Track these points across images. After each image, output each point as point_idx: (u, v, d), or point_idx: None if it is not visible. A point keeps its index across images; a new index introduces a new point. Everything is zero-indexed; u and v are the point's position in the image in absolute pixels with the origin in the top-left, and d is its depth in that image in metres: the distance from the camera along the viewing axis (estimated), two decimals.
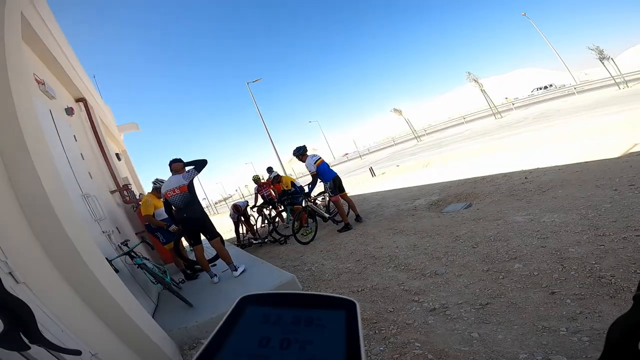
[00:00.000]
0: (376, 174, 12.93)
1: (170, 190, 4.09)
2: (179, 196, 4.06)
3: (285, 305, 0.32)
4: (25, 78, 2.28)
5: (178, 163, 4.19)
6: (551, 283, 2.33)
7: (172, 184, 4.10)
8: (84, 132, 4.89)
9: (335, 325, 0.30)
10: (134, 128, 8.63)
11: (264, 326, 0.30)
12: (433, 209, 5.52)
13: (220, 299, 3.60)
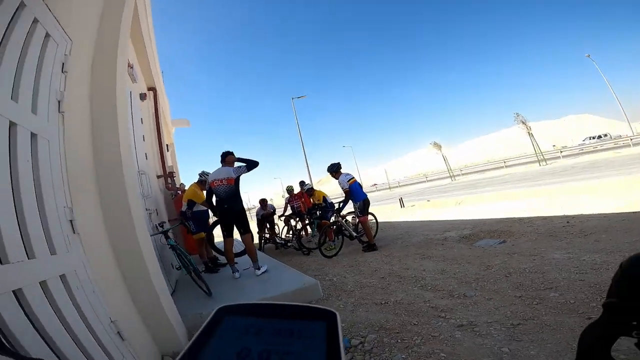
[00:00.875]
0: (405, 206, 12.79)
1: (217, 180, 4.23)
2: (224, 187, 4.21)
3: (265, 316, 0.32)
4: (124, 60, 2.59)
5: (231, 156, 4.37)
6: (588, 310, 2.24)
7: (220, 175, 4.25)
8: (148, 117, 5.32)
9: (316, 336, 0.29)
10: (185, 124, 9.11)
11: (243, 337, 0.29)
12: (464, 242, 5.39)
13: (239, 293, 3.66)
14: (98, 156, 2.11)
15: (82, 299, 1.58)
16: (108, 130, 2.14)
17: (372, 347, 2.29)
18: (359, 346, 2.34)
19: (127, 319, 2.13)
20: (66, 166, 1.68)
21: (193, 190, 4.99)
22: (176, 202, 5.61)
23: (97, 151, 2.10)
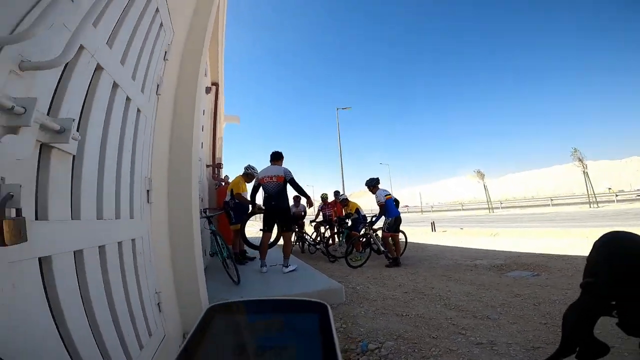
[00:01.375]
0: (436, 230, 12.56)
1: (267, 177, 4.48)
2: (274, 184, 4.45)
3: (257, 313, 0.32)
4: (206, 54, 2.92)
5: (280, 156, 4.71)
6: (617, 343, 2.18)
7: (270, 172, 4.51)
8: (208, 110, 5.71)
9: (309, 329, 0.30)
10: (235, 120, 9.50)
11: (237, 333, 0.30)
12: (494, 270, 5.28)
13: (265, 286, 3.80)
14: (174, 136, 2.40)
15: (141, 265, 1.73)
16: (187, 116, 2.43)
17: (389, 353, 2.34)
18: (376, 351, 2.39)
19: (166, 293, 2.23)
20: (153, 141, 1.93)
21: (238, 182, 5.31)
22: (219, 192, 5.99)
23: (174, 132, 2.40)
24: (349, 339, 2.64)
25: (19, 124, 0.68)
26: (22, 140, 0.70)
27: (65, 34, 0.89)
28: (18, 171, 0.72)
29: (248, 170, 5.50)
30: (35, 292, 0.89)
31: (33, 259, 0.86)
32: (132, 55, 1.50)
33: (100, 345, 1.18)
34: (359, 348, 2.45)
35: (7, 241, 0.64)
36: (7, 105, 0.63)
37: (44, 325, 0.91)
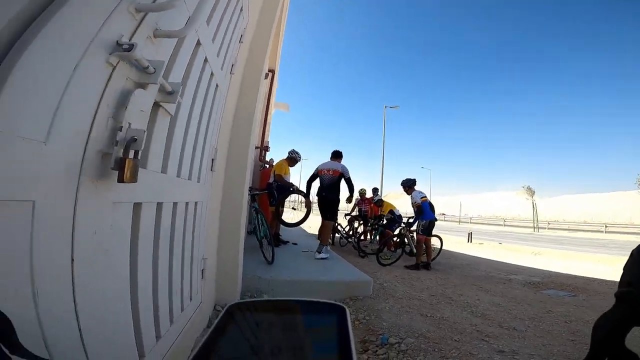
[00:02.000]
0: (473, 241, 12.16)
1: (325, 169, 5.08)
2: (329, 176, 5.01)
3: (275, 312, 0.32)
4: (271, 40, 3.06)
5: (340, 154, 5.31)
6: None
7: (328, 166, 5.10)
8: (264, 95, 5.91)
9: (326, 331, 0.30)
10: (285, 108, 9.69)
11: (255, 333, 0.29)
12: (529, 287, 5.10)
13: (296, 269, 3.88)
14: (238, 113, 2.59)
15: (197, 227, 1.86)
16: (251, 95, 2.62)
17: (408, 349, 2.36)
18: (396, 345, 2.41)
19: (210, 261, 2.33)
20: (223, 116, 2.11)
21: (281, 165, 5.47)
22: (263, 174, 6.22)
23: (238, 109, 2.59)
24: (371, 330, 2.69)
25: (148, 82, 0.83)
26: (147, 95, 0.86)
27: (183, 8, 1.04)
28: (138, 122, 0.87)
29: (292, 154, 5.64)
30: (125, 237, 1.03)
31: (130, 203, 1.01)
32: (219, 34, 1.66)
33: (154, 295, 1.32)
34: (378, 340, 2.49)
35: (126, 179, 0.78)
36: (144, 64, 0.78)
37: (124, 273, 1.05)
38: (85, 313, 0.82)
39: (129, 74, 0.83)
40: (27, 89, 0.56)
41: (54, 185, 0.67)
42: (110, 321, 0.98)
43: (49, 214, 0.67)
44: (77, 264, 0.78)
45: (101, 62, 0.72)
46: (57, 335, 0.71)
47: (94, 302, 0.88)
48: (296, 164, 5.65)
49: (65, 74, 0.63)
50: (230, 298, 2.72)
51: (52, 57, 0.60)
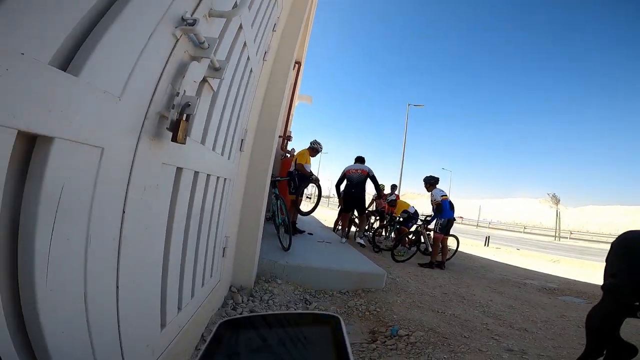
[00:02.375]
0: (489, 246, 11.98)
1: (353, 169, 5.86)
2: (357, 175, 5.80)
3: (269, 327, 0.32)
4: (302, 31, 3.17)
5: (364, 159, 6.10)
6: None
7: (356, 167, 5.91)
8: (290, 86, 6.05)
9: (322, 342, 0.29)
10: (307, 100, 9.76)
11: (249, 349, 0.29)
12: (544, 292, 5.03)
13: (311, 256, 3.92)
14: (266, 100, 2.70)
15: (224, 204, 1.94)
16: (280, 83, 2.72)
17: (417, 342, 2.39)
18: (405, 337, 2.44)
19: (230, 240, 2.41)
20: (253, 99, 2.21)
21: (303, 154, 5.57)
22: (283, 163, 6.31)
23: (266, 95, 2.70)
24: (381, 322, 2.73)
25: (202, 56, 0.93)
26: (200, 68, 0.96)
27: None
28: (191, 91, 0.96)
29: (314, 145, 5.74)
30: (166, 199, 1.12)
31: (174, 166, 1.11)
32: (257, 20, 1.76)
33: (182, 265, 1.39)
34: (388, 331, 2.53)
35: (179, 139, 0.88)
36: (201, 39, 0.89)
37: (162, 237, 1.13)
38: (125, 271, 0.90)
39: (187, 48, 0.93)
40: (115, 48, 0.66)
41: (119, 138, 0.77)
42: (145, 283, 1.05)
43: (111, 163, 0.76)
44: (126, 219, 0.87)
45: (169, 34, 0.83)
46: (95, 287, 0.78)
47: (134, 262, 0.95)
48: (317, 155, 5.75)
49: (142, 41, 0.74)
50: (246, 280, 2.79)
51: (136, 24, 0.70)
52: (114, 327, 0.89)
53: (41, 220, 0.60)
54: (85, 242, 0.73)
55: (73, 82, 0.60)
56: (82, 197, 0.69)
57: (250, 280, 2.82)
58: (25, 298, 0.61)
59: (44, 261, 0.62)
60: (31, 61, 0.51)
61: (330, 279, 3.39)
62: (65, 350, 0.68)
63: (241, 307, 2.43)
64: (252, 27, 1.67)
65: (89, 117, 0.65)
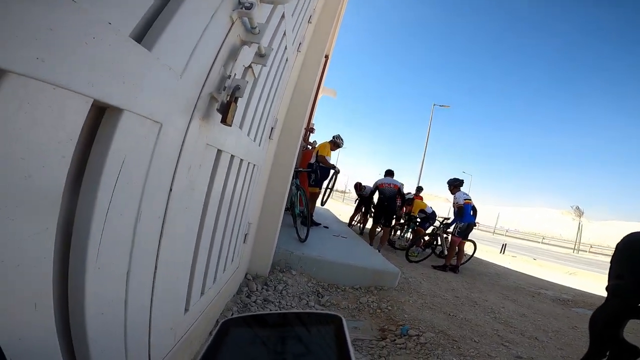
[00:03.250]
0: (505, 253, 11.76)
1: (386, 183, 6.22)
2: (390, 189, 6.16)
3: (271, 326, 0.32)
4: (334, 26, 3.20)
5: (393, 172, 6.48)
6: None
7: (389, 181, 6.27)
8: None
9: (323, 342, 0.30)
10: (332, 94, 9.73)
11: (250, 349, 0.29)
12: (558, 303, 4.94)
13: (326, 250, 3.91)
14: (297, 89, 2.72)
15: (250, 190, 1.97)
16: (310, 74, 2.75)
17: (427, 342, 2.39)
18: (415, 337, 2.45)
19: (251, 229, 2.45)
20: (284, 89, 2.23)
21: (325, 146, 5.60)
22: (305, 154, 6.32)
23: (297, 86, 2.72)
24: (391, 320, 2.73)
25: (252, 41, 0.96)
26: (249, 53, 0.98)
27: None
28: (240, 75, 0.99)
29: (336, 139, 5.76)
30: (206, 180, 1.14)
31: (215, 148, 1.14)
32: (297, 10, 1.78)
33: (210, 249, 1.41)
34: (398, 330, 2.53)
35: (228, 121, 0.91)
36: (254, 24, 0.91)
37: (197, 219, 1.15)
38: (164, 252, 0.92)
39: (240, 32, 0.95)
40: (184, 26, 0.68)
41: (176, 115, 0.79)
42: (178, 265, 1.07)
43: (167, 140, 0.78)
44: (172, 197, 0.88)
45: (226, 16, 0.85)
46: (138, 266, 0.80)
47: (172, 243, 0.97)
48: (337, 149, 5.74)
49: (205, 21, 0.76)
50: (262, 268, 2.81)
51: (202, 3, 0.72)
52: (147, 309, 0.91)
53: (101, 193, 0.61)
54: (135, 218, 0.74)
55: (146, 56, 0.61)
56: (139, 171, 0.72)
57: (265, 269, 2.84)
58: (75, 273, 0.62)
59: (97, 235, 0.63)
60: (116, 32, 0.53)
61: (344, 274, 3.40)
62: (101, 329, 0.69)
63: (255, 295, 2.46)
64: (292, 17, 1.69)
65: (154, 92, 0.67)
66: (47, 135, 0.47)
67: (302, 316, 0.33)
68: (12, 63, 0.40)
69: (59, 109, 0.48)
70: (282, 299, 2.61)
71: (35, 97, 0.44)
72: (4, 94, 0.40)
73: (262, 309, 2.32)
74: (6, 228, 0.44)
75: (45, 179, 0.49)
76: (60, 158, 0.51)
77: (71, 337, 0.65)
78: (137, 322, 0.86)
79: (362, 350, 2.20)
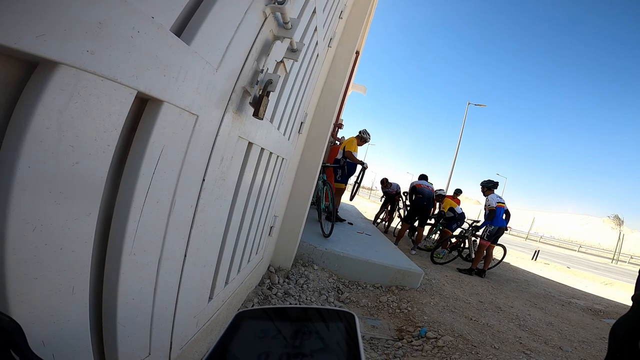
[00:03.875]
0: (538, 260, 11.30)
1: (423, 185, 6.60)
2: (428, 190, 6.50)
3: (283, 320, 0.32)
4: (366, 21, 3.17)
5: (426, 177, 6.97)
6: None
7: (424, 183, 6.71)
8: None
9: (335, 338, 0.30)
10: (362, 90, 9.62)
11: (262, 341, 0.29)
12: (589, 313, 4.71)
13: (349, 246, 3.90)
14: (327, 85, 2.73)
15: (278, 184, 2.00)
16: (341, 70, 2.75)
17: (445, 346, 2.35)
18: (433, 340, 2.42)
19: (277, 222, 2.47)
20: (314, 84, 2.24)
21: (352, 141, 5.52)
22: (332, 149, 6.30)
23: (327, 81, 2.73)
24: (410, 321, 2.70)
25: (285, 36, 0.97)
26: (281, 48, 1.00)
27: None
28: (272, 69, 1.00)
29: (364, 134, 5.68)
30: (236, 172, 1.16)
31: (246, 141, 1.16)
32: (328, 5, 1.77)
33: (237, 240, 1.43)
34: (416, 331, 2.51)
35: (260, 114, 0.93)
36: (287, 19, 0.92)
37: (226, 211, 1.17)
38: (194, 241, 0.94)
39: (272, 27, 0.96)
40: (220, 20, 0.70)
41: (211, 108, 0.81)
42: (206, 255, 1.10)
43: (202, 131, 0.81)
44: (204, 187, 0.91)
45: (260, 11, 0.87)
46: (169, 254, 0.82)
47: (202, 232, 0.99)
48: (364, 145, 5.69)
49: (240, 16, 0.78)
50: (285, 261, 2.82)
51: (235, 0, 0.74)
52: (174, 296, 0.94)
53: (141, 181, 0.64)
54: (169, 206, 0.77)
55: (185, 50, 0.64)
56: (175, 161, 0.74)
57: (288, 262, 2.86)
58: (111, 258, 0.64)
59: (135, 222, 0.66)
60: (158, 26, 0.55)
61: (366, 272, 3.39)
62: (130, 315, 0.72)
63: (276, 288, 2.48)
64: (323, 12, 1.68)
65: (192, 85, 0.69)
66: (94, 124, 0.50)
67: (315, 311, 0.34)
68: (65, 55, 0.42)
69: (106, 100, 0.51)
70: (302, 292, 2.63)
71: (85, 88, 0.47)
72: (57, 85, 0.43)
73: (282, 301, 2.34)
74: (53, 212, 0.47)
75: (91, 166, 0.52)
76: (105, 146, 0.54)
77: (101, 322, 0.68)
78: (164, 309, 0.89)
79: (378, 349, 2.19)
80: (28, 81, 0.43)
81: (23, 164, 0.41)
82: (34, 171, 0.43)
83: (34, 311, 0.48)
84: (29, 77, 0.43)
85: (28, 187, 0.42)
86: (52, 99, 0.43)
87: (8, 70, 0.42)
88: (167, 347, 0.96)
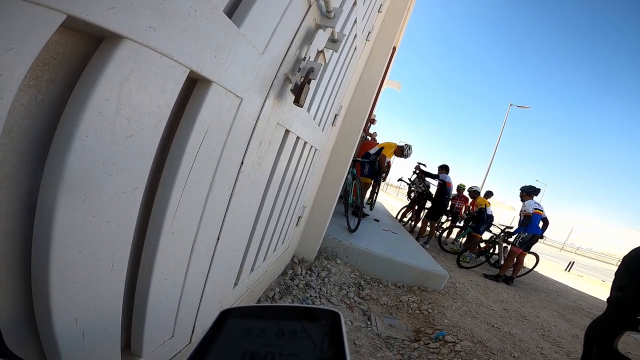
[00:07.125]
0: (571, 272, 10.80)
1: (450, 183, 6.60)
2: (450, 189, 6.60)
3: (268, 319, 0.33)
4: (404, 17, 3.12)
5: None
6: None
7: (449, 179, 6.58)
8: None
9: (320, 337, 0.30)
10: (396, 86, 9.44)
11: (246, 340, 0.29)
12: None
13: (374, 243, 3.87)
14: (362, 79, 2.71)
15: (309, 174, 1.99)
16: (377, 65, 2.72)
17: (462, 350, 2.30)
18: (450, 344, 2.37)
19: (305, 213, 2.47)
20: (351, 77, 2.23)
21: (390, 147, 5.51)
22: (363, 144, 6.23)
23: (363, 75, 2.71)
24: (429, 323, 2.66)
25: (327, 25, 0.97)
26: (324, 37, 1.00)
27: None
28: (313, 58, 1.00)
29: (406, 149, 5.65)
30: (272, 158, 1.18)
31: (284, 128, 1.17)
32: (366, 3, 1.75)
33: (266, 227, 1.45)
34: (434, 334, 2.47)
35: (300, 102, 0.94)
36: (330, 8, 0.92)
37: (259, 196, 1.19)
38: (228, 224, 0.95)
39: (315, 16, 0.97)
40: (268, 5, 0.71)
41: (254, 92, 0.83)
42: (236, 240, 1.11)
43: (244, 114, 0.82)
44: (242, 170, 0.92)
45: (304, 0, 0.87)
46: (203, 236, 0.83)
47: (235, 216, 1.00)
48: (400, 157, 5.70)
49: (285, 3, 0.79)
50: (309, 253, 2.84)
51: None
52: (202, 280, 0.95)
53: (185, 158, 0.65)
54: (208, 187, 0.78)
55: (235, 32, 0.65)
56: (218, 142, 0.76)
57: (312, 254, 2.86)
58: (151, 236, 0.66)
59: (176, 200, 0.67)
60: (213, 6, 0.57)
61: (389, 270, 3.35)
62: (161, 295, 0.73)
63: (298, 279, 2.49)
64: (363, 5, 1.67)
65: (239, 67, 0.70)
66: (149, 100, 0.52)
67: (301, 310, 0.34)
68: (130, 30, 0.44)
69: (162, 77, 0.53)
70: (323, 286, 2.62)
71: (144, 64, 0.48)
72: (121, 59, 0.45)
73: (303, 293, 2.36)
74: (104, 183, 0.49)
75: (143, 140, 0.54)
76: (157, 122, 0.56)
77: (132, 301, 0.69)
78: (192, 292, 0.90)
79: (393, 349, 2.17)
80: (93, 54, 0.45)
81: (81, 133, 0.42)
82: (91, 140, 0.44)
83: (72, 287, 0.49)
84: (91, 51, 0.45)
85: (84, 156, 0.44)
86: (114, 72, 0.44)
87: (72, 45, 0.44)
88: (189, 330, 0.98)
